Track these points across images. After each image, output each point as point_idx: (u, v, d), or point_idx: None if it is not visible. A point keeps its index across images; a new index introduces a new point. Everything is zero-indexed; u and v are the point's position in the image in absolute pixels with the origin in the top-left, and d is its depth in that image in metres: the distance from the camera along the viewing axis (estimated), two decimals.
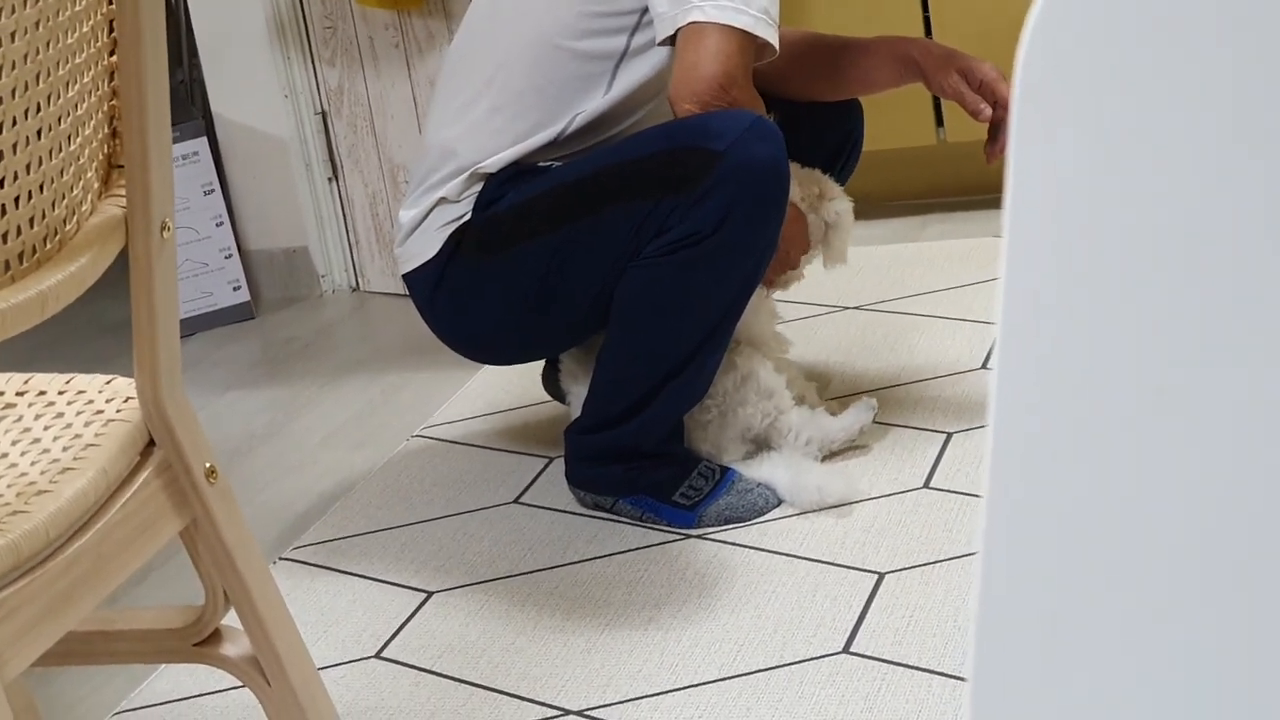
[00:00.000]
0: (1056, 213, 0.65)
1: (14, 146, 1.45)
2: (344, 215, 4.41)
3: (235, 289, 4.38)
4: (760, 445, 2.92)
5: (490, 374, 3.60)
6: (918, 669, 2.30)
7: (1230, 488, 0.63)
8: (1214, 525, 0.64)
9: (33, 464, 1.63)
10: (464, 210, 2.80)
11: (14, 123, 1.44)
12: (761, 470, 2.85)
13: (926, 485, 2.81)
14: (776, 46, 2.71)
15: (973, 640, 0.65)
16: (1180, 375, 0.63)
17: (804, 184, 2.96)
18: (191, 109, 4.53)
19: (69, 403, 1.76)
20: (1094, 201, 0.65)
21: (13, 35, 1.41)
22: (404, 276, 2.91)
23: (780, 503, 2.82)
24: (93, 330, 4.33)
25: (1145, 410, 0.64)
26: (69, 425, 1.70)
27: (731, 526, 2.78)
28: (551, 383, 3.14)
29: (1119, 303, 0.64)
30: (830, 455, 2.93)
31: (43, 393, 1.79)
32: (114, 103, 1.63)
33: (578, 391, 2.92)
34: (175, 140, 4.17)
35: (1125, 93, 0.64)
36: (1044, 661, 0.66)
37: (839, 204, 3.00)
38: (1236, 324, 0.63)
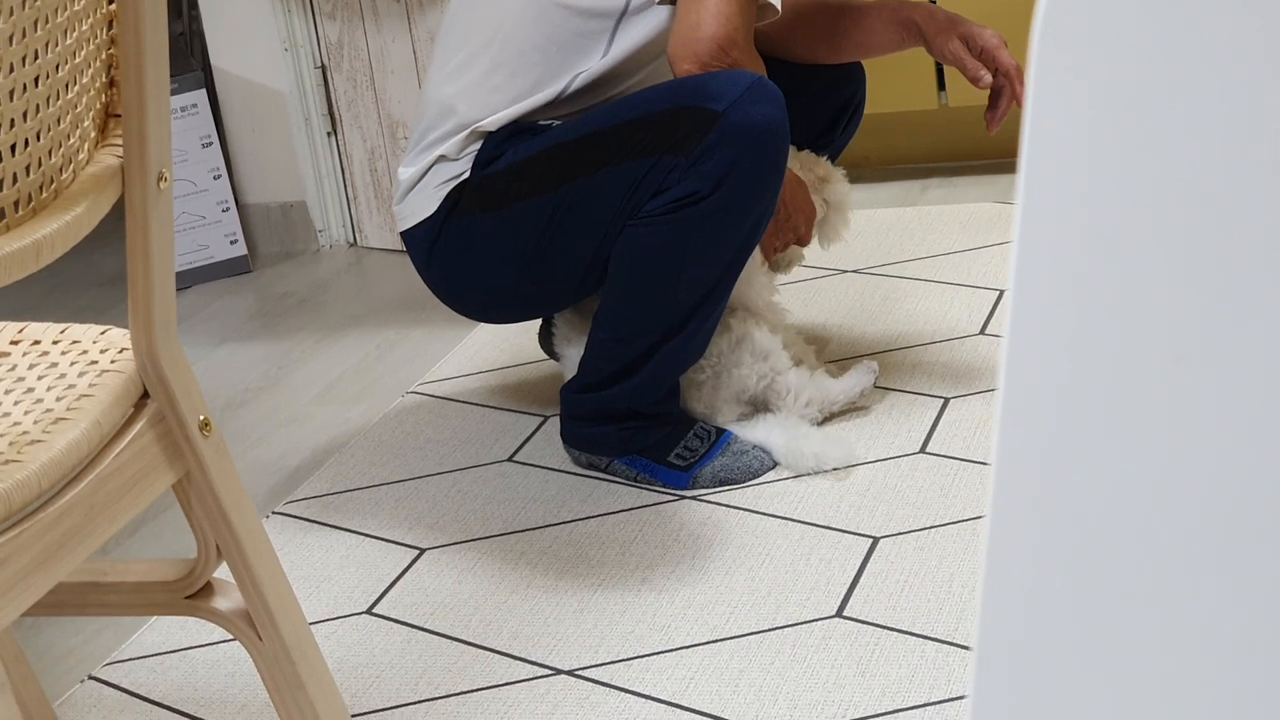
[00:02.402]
0: (1072, 175, 0.64)
1: (10, 94, 1.44)
2: (342, 170, 4.40)
3: (232, 242, 4.37)
4: (758, 407, 2.91)
5: (486, 331, 3.60)
6: (911, 634, 2.30)
7: (1246, 460, 0.62)
8: (1227, 499, 0.63)
9: (26, 413, 1.62)
10: (463, 168, 2.79)
11: (10, 69, 1.43)
12: (757, 432, 2.84)
13: (923, 450, 2.81)
14: (778, 7, 2.70)
15: (979, 618, 0.64)
16: (1197, 344, 0.62)
17: (805, 166, 2.97)
18: (191, 61, 4.51)
19: (63, 353, 1.75)
20: (1111, 163, 0.64)
21: None
22: (402, 234, 2.90)
23: (775, 465, 2.82)
24: (88, 281, 4.32)
25: (1160, 380, 0.63)
26: (63, 375, 1.70)
27: (726, 488, 2.78)
28: (548, 341, 3.13)
29: (1137, 268, 0.63)
30: (827, 418, 2.93)
31: (37, 342, 1.78)
32: (112, 51, 1.62)
33: (570, 353, 2.92)
34: (174, 92, 4.16)
35: (1143, 51, 0.63)
36: (1052, 639, 0.65)
37: (839, 186, 3.02)
38: (1258, 291, 0.62)
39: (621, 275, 2.71)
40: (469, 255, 2.81)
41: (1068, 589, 0.65)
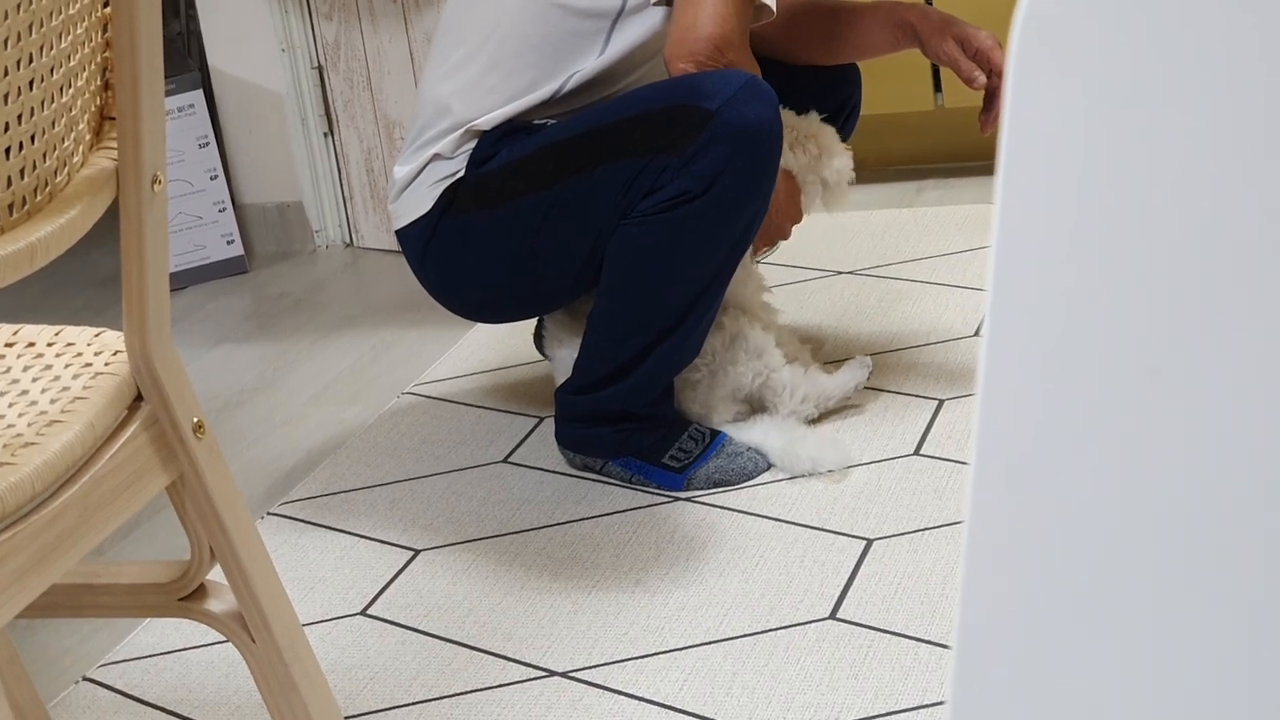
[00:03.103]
0: (1051, 175, 0.64)
1: (5, 97, 1.44)
2: (339, 170, 4.40)
3: (229, 242, 4.37)
4: (753, 406, 2.91)
5: (482, 332, 3.60)
6: (904, 636, 2.30)
7: (1221, 467, 0.63)
8: (1204, 506, 0.63)
9: (20, 416, 1.63)
10: (458, 167, 2.79)
11: (5, 73, 1.43)
12: (753, 434, 2.84)
13: (917, 452, 2.81)
14: (774, 9, 2.71)
15: (957, 622, 0.64)
16: (1173, 351, 0.63)
17: (802, 140, 2.93)
18: (188, 61, 4.51)
19: (57, 355, 1.75)
20: (1091, 164, 0.64)
21: None
22: (397, 233, 2.91)
23: (770, 467, 2.82)
24: (85, 281, 4.32)
25: (1137, 387, 0.63)
26: (57, 378, 1.70)
27: (720, 490, 2.78)
28: (543, 342, 3.13)
29: (1114, 274, 0.64)
30: (822, 417, 2.93)
31: (31, 344, 1.79)
32: (107, 54, 1.63)
33: (561, 355, 2.92)
34: (171, 93, 4.16)
35: (1124, 49, 0.64)
36: (1028, 639, 0.66)
37: (839, 161, 2.97)
38: (1238, 297, 0.62)
39: (615, 274, 2.72)
40: (463, 254, 2.81)
41: (1045, 593, 0.65)
